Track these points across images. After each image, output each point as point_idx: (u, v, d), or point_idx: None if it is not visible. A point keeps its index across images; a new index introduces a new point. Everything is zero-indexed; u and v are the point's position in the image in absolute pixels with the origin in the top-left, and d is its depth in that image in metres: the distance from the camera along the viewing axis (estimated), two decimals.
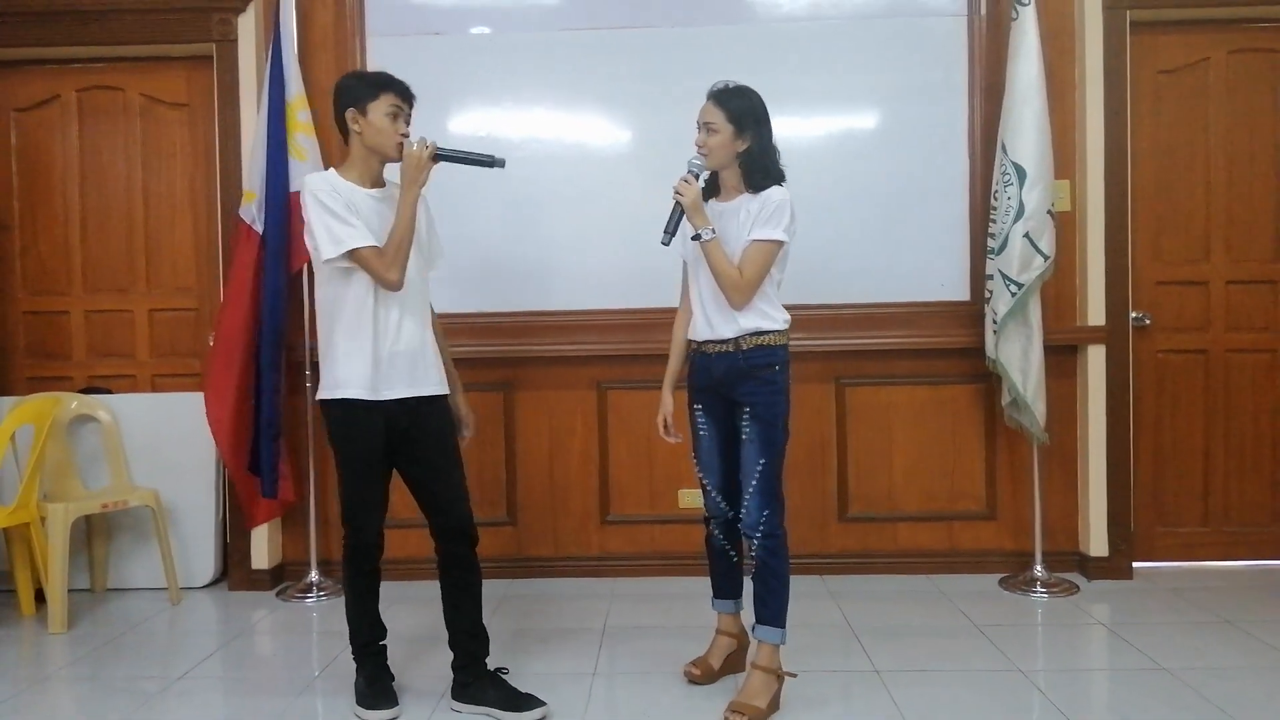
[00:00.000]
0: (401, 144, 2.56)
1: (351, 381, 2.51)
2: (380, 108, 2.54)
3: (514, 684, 2.65)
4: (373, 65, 3.85)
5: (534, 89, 3.86)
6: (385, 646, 2.72)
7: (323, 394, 2.58)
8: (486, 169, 2.59)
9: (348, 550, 2.65)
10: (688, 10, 3.84)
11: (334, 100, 2.60)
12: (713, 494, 2.76)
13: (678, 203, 2.56)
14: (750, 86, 2.64)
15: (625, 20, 3.85)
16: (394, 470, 2.66)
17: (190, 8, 3.82)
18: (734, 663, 2.84)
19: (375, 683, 2.67)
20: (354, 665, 2.70)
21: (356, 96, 2.55)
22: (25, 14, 3.84)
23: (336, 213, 2.45)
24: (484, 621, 2.70)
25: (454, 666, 2.68)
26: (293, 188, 3.62)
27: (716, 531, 2.80)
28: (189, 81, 4.04)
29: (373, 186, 2.59)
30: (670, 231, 2.59)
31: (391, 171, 2.61)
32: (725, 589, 2.85)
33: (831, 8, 3.84)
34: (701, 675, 2.79)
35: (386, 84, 2.56)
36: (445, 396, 2.68)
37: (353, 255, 2.45)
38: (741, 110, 2.59)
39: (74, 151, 4.09)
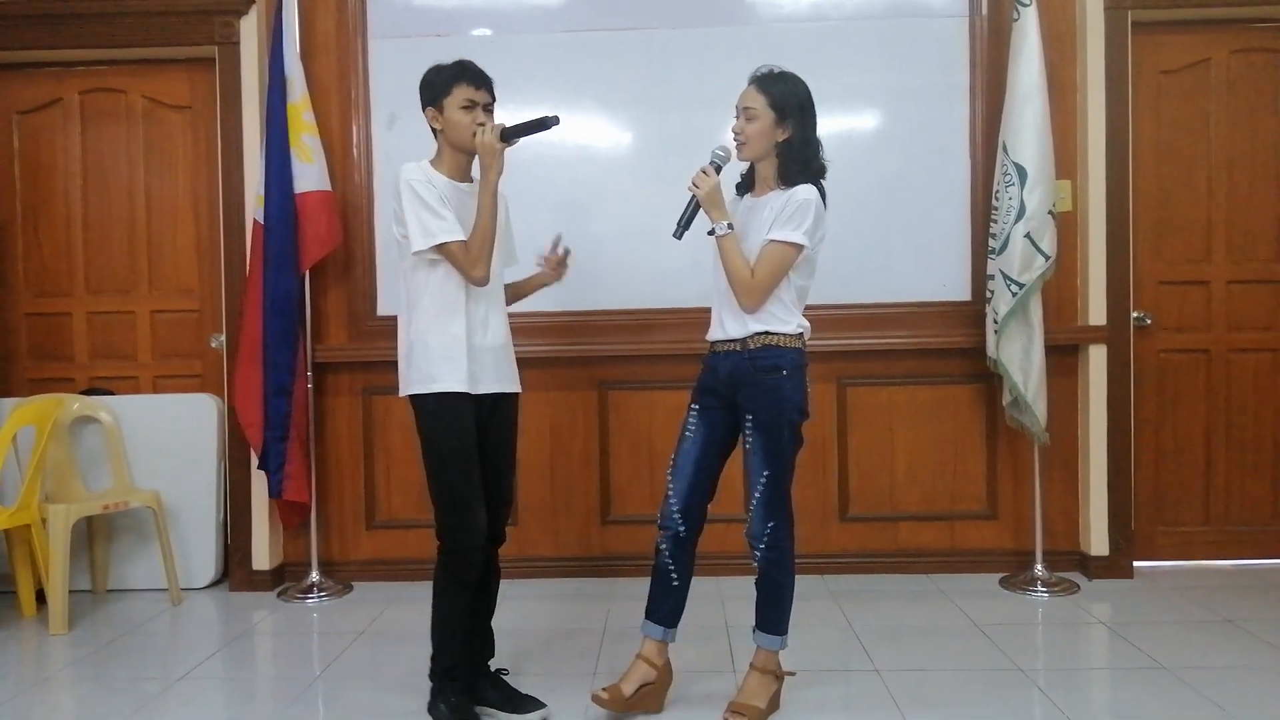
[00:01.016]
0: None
1: (450, 374, 2.46)
2: (455, 102, 2.50)
3: (514, 684, 2.65)
4: (375, 68, 3.89)
5: (535, 91, 3.86)
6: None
7: (415, 388, 2.50)
8: (547, 130, 2.49)
9: (449, 559, 2.48)
10: (689, 12, 3.84)
11: (420, 98, 2.57)
12: (671, 501, 2.57)
13: (693, 195, 2.47)
14: (796, 74, 2.51)
15: (626, 22, 3.85)
16: None
17: (192, 10, 3.83)
18: (649, 699, 2.55)
19: (460, 710, 2.50)
20: (430, 686, 2.55)
21: (433, 95, 2.53)
22: (28, 17, 3.85)
23: (430, 204, 2.43)
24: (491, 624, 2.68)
25: None
26: (297, 189, 3.64)
27: (663, 546, 2.59)
28: (191, 84, 4.05)
29: (462, 180, 2.57)
30: (683, 225, 2.49)
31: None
32: (658, 612, 2.59)
33: (833, 9, 3.84)
34: (610, 701, 2.50)
35: (458, 76, 2.52)
36: (518, 396, 2.67)
37: (441, 249, 2.44)
38: (785, 96, 2.45)
39: (76, 154, 4.10)
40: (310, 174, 3.66)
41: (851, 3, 3.84)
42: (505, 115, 3.84)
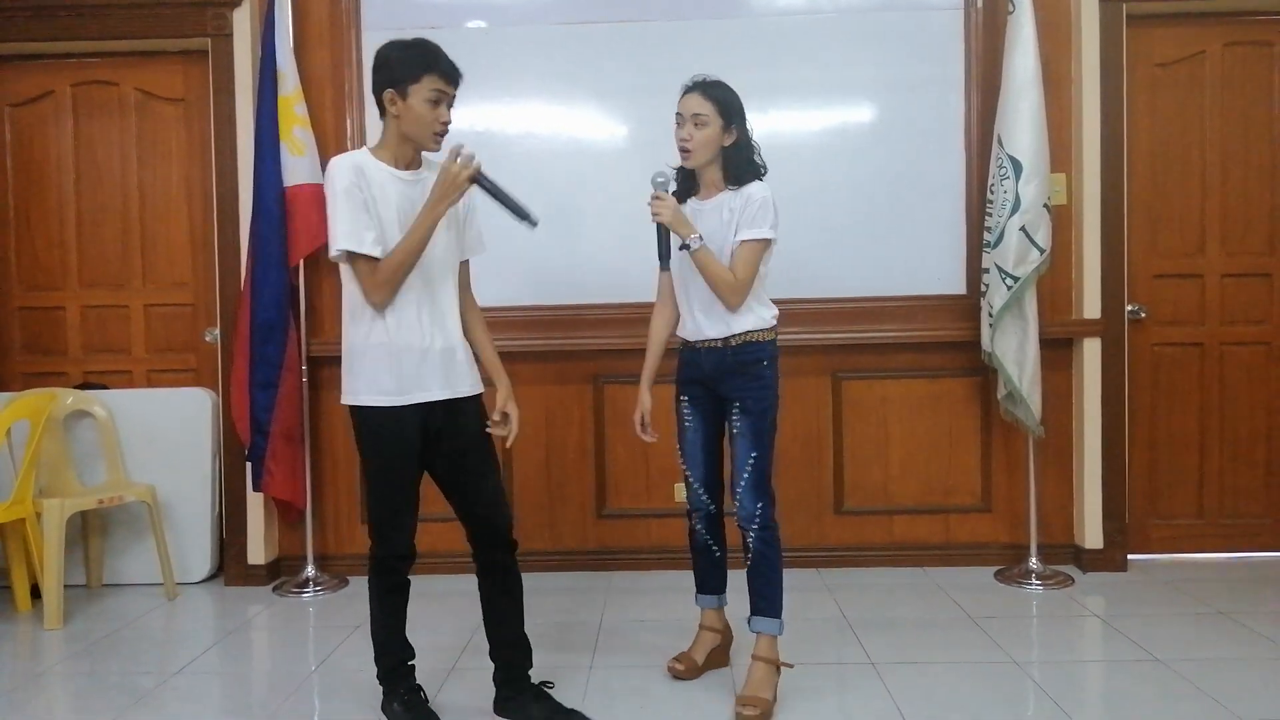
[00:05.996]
0: (440, 134, 2.35)
1: (372, 386, 2.33)
2: (421, 92, 2.30)
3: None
4: (369, 60, 3.81)
5: (530, 84, 3.86)
6: (413, 666, 2.52)
7: (347, 399, 2.39)
8: (514, 217, 2.35)
9: (375, 563, 2.44)
10: (684, 4, 3.83)
11: (374, 73, 2.36)
12: (696, 487, 2.73)
13: (659, 223, 2.50)
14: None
15: (621, 14, 3.84)
16: (424, 474, 2.47)
17: (185, 2, 3.80)
18: (717, 658, 2.83)
19: (413, 708, 2.46)
20: (381, 689, 2.50)
21: (397, 77, 2.31)
22: (20, 9, 3.83)
23: (352, 207, 2.27)
24: (525, 630, 2.55)
25: (495, 679, 2.55)
26: (287, 182, 3.63)
27: (699, 526, 2.77)
28: (184, 76, 4.03)
29: (406, 168, 2.38)
30: (664, 255, 2.54)
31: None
32: (709, 584, 2.82)
33: (827, 1, 3.83)
34: (685, 671, 2.77)
35: (431, 65, 2.31)
36: (480, 397, 2.48)
37: (349, 258, 2.29)
38: (728, 101, 2.54)
39: (69, 147, 4.08)
40: (302, 167, 3.65)
41: None
42: (500, 108, 3.88)
